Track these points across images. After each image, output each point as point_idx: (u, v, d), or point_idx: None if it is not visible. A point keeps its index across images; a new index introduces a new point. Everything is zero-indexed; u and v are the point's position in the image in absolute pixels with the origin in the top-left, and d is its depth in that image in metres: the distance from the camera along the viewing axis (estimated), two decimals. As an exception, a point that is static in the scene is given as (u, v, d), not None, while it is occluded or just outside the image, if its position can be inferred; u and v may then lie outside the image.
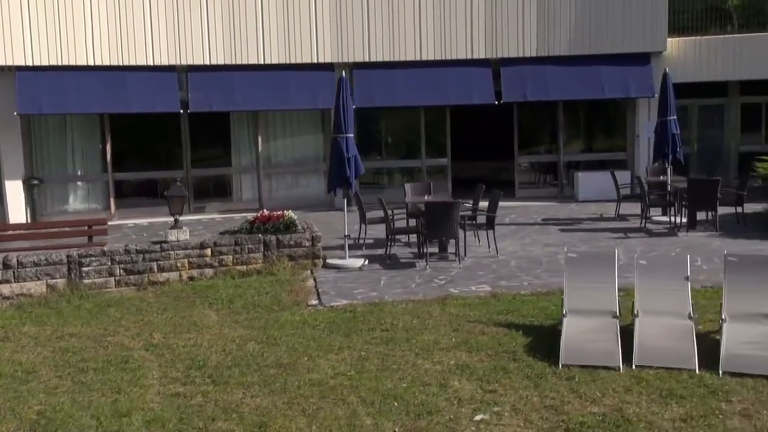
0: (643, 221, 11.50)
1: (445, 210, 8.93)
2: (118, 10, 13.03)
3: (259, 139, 14.71)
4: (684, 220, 11.19)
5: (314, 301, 7.75)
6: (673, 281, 6.33)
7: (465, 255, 9.55)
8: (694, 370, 5.49)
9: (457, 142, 15.51)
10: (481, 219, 10.18)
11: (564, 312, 6.26)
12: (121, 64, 13.13)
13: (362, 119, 15.21)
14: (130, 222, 13.37)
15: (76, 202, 14.25)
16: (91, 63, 12.98)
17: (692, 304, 6.19)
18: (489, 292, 7.81)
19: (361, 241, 10.48)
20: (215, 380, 5.61)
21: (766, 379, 5.29)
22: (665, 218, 11.82)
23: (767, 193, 11.35)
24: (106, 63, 13.04)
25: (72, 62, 12.89)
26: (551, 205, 14.38)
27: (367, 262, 9.41)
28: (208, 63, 13.56)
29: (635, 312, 6.19)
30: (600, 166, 15.18)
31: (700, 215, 11.29)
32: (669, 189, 11.77)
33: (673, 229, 11.10)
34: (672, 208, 11.46)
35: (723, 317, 6.01)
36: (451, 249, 9.61)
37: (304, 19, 13.89)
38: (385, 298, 7.73)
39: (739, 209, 11.21)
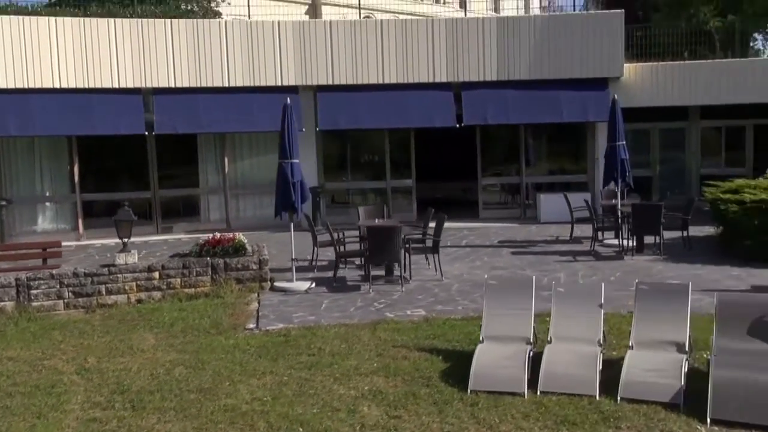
0: (593, 244, 11.76)
1: (387, 234, 9.17)
2: (83, 34, 13.30)
3: (226, 160, 14.96)
4: (633, 243, 11.47)
5: (252, 325, 7.95)
6: (587, 308, 6.56)
7: (410, 278, 9.78)
8: (595, 396, 5.71)
9: (422, 163, 15.81)
10: (430, 242, 10.43)
11: (481, 338, 6.49)
12: (87, 86, 13.40)
13: (328, 141, 15.53)
14: (98, 242, 13.55)
15: (45, 223, 14.44)
16: (57, 86, 13.24)
17: (605, 331, 6.42)
18: (423, 316, 8.03)
19: (315, 263, 10.69)
20: (134, 405, 5.80)
21: (661, 405, 5.52)
22: (616, 241, 12.09)
23: (717, 217, 11.62)
24: (72, 86, 13.30)
25: (38, 85, 13.15)
26: (512, 227, 14.64)
27: (313, 285, 9.63)
28: (173, 86, 13.84)
29: (548, 338, 6.42)
30: (563, 188, 15.48)
31: (649, 239, 11.57)
32: (619, 213, 12.04)
33: (620, 253, 11.36)
34: (620, 232, 11.73)
35: (630, 344, 6.25)
36: (397, 272, 9.84)
37: (268, 42, 14.20)
38: (321, 322, 7.94)
39: (685, 233, 11.50)
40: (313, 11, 45.52)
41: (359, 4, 20.24)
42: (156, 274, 9.14)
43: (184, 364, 6.74)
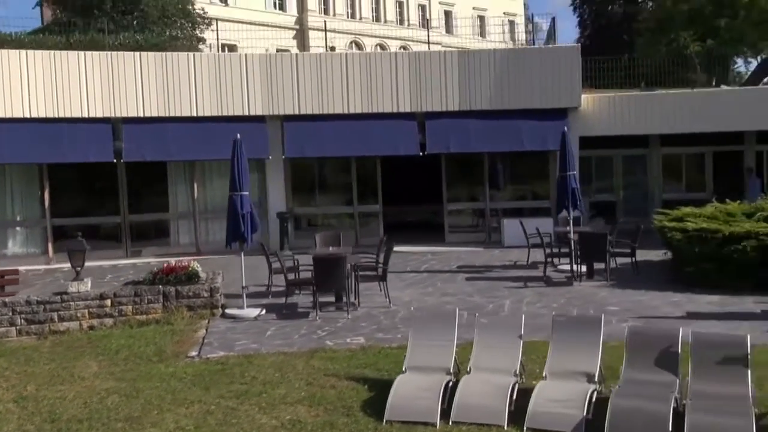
0: (545, 270, 12.05)
1: (333, 264, 9.46)
2: (54, 67, 13.70)
3: (195, 185, 15.28)
4: (583, 269, 11.77)
5: (194, 353, 8.19)
6: (508, 339, 6.84)
7: (359, 305, 10.05)
8: (503, 426, 5.97)
9: (389, 188, 16.15)
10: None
11: (404, 368, 6.74)
12: (57, 116, 13.76)
13: (297, 167, 15.89)
14: (67, 266, 13.75)
15: (15, 247, 14.70)
16: (27, 115, 13.59)
17: (523, 361, 6.69)
18: (361, 344, 8.28)
19: (270, 290, 10.94)
20: (61, 434, 6.03)
21: (564, 435, 5.77)
22: (568, 267, 12.38)
23: (665, 244, 11.94)
24: (42, 115, 13.66)
25: (9, 114, 13.50)
26: (476, 251, 14.95)
27: (263, 311, 9.88)
28: (142, 115, 14.21)
29: (468, 369, 6.69)
30: (528, 213, 15.84)
31: (601, 264, 11.87)
32: (571, 240, 12.34)
33: (571, 279, 11.66)
34: (571, 258, 12.03)
35: (544, 374, 6.52)
36: (351, 298, 10.09)
37: (236, 73, 14.61)
38: (262, 350, 8.19)
39: (633, 259, 11.81)
40: (301, 37, 46.27)
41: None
42: (108, 302, 9.40)
43: (119, 393, 6.97)
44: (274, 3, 44.98)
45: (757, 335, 8.10)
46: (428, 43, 21.82)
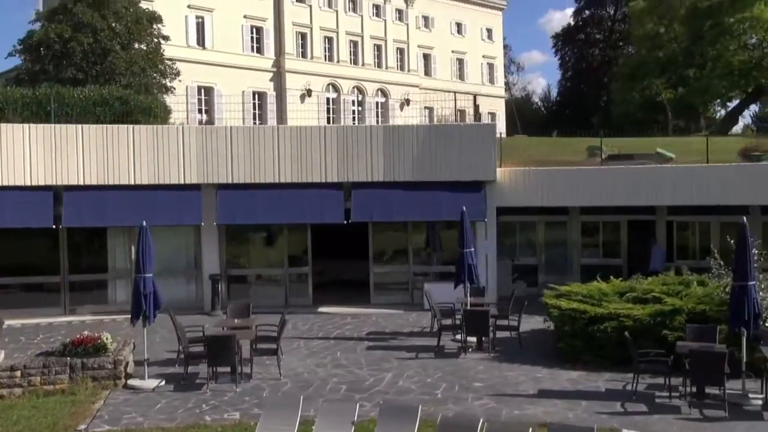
0: (438, 341, 12.94)
1: (224, 341, 10.46)
2: None
3: (133, 248, 16.30)
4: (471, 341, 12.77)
5: (82, 426, 9.10)
6: (342, 423, 7.82)
7: (252, 376, 10.99)
8: None
9: (321, 248, 17.21)
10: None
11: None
12: (1, 185, 14.85)
13: (232, 231, 16.97)
14: (18, 323, 14.73)
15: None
16: (-29, 184, 14.70)
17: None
18: (234, 420, 9.21)
19: (179, 358, 11.87)
20: None
21: None
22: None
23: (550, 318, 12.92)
24: (-13, 184, 14.77)
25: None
26: (395, 314, 15.95)
27: (163, 382, 10.82)
28: (83, 183, 15.31)
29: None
30: (449, 278, 16.84)
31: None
32: (468, 312, 13.33)
33: (459, 351, 12.64)
34: (462, 331, 13.01)
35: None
36: (245, 370, 11.04)
37: (173, 144, 15.77)
38: (144, 424, 9.12)
39: (514, 333, 12.76)
40: (278, 79, 47.79)
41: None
42: (18, 373, 10.33)
43: (0, 468, 7.89)
44: (252, 46, 46.50)
45: (585, 416, 9.14)
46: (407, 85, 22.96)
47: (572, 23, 75.35)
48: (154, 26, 30.69)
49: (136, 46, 28.90)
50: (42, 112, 21.52)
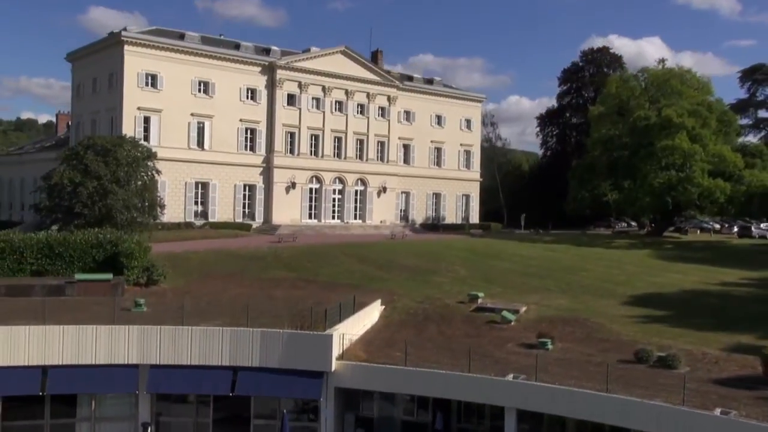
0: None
1: None
2: None
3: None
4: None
5: None
6: None
7: None
8: None
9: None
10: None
11: None
12: None
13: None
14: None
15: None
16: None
17: None
18: None
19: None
20: None
21: None
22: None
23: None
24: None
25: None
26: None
27: None
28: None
29: None
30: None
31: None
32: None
33: None
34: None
35: None
36: None
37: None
38: None
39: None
40: (267, 173, 55.16)
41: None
42: None
43: None
44: (246, 145, 54.33)
45: None
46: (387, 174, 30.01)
47: (555, 106, 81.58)
48: (149, 163, 38.89)
49: (132, 184, 37.11)
50: (52, 253, 30.21)
